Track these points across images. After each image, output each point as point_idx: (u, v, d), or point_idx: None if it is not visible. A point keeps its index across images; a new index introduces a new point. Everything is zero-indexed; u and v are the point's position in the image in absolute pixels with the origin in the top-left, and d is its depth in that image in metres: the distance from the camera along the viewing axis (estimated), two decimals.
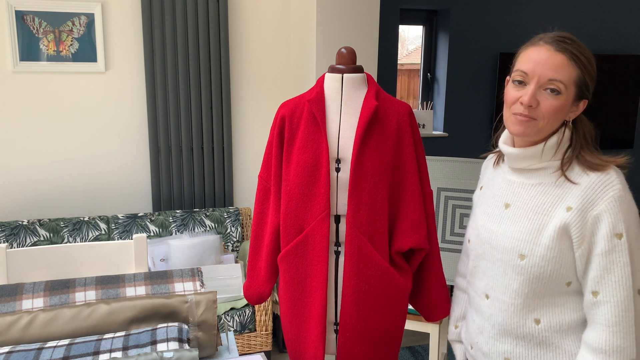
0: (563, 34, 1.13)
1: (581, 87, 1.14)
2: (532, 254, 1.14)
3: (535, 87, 1.12)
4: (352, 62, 1.52)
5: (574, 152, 1.16)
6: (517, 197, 1.21)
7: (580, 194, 1.11)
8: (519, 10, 4.59)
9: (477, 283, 1.30)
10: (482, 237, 1.27)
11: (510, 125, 1.18)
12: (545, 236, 1.13)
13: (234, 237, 3.11)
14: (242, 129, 3.30)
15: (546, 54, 1.11)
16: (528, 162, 1.20)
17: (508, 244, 1.19)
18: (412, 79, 5.04)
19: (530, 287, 1.16)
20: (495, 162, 1.35)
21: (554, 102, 1.12)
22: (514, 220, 1.19)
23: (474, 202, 1.41)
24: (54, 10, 2.85)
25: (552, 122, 1.14)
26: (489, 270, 1.25)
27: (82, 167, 3.06)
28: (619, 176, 1.11)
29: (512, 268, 1.18)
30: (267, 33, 3.23)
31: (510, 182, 1.24)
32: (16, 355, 1.11)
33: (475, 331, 1.31)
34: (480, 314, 1.29)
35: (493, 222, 1.25)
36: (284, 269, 1.54)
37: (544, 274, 1.14)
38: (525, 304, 1.18)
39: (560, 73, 1.11)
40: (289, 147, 1.52)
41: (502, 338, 1.23)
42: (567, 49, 1.11)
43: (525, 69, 1.13)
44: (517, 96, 1.15)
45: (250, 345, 2.78)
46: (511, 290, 1.19)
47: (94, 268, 1.70)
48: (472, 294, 1.33)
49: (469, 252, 1.34)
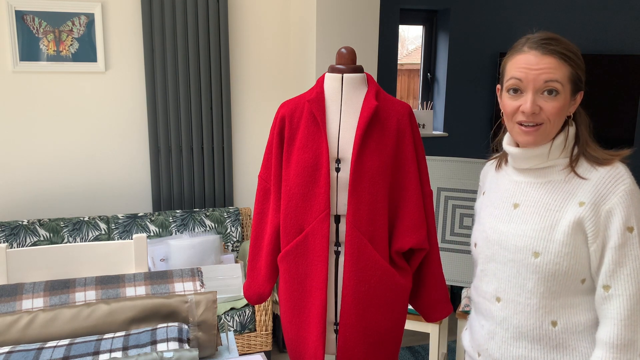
0: (545, 36, 1.13)
1: (575, 82, 1.14)
2: (546, 251, 1.13)
3: (533, 93, 1.12)
4: (352, 62, 1.52)
5: (580, 149, 1.17)
6: (526, 197, 1.20)
7: (591, 188, 1.11)
8: (519, 11, 4.59)
9: (486, 287, 1.27)
10: (491, 239, 1.25)
11: (518, 136, 1.17)
12: (559, 232, 1.13)
13: (234, 237, 3.11)
14: (242, 129, 3.30)
15: (535, 59, 1.11)
16: (535, 161, 1.19)
17: (520, 242, 1.17)
18: (412, 79, 5.04)
19: (545, 285, 1.15)
20: (497, 166, 1.34)
21: (555, 104, 1.12)
22: (525, 219, 1.18)
23: (477, 209, 1.38)
24: (54, 10, 2.85)
25: (557, 122, 1.14)
26: (499, 272, 1.23)
27: (82, 167, 3.06)
28: (627, 170, 1.12)
29: (526, 267, 1.16)
30: (267, 33, 3.23)
31: (517, 182, 1.24)
32: (16, 355, 1.11)
33: (484, 337, 1.28)
34: (490, 319, 1.26)
35: (502, 222, 1.23)
36: (284, 269, 1.54)
37: (559, 271, 1.13)
38: (541, 304, 1.16)
39: (554, 74, 1.11)
40: (289, 147, 1.52)
41: (517, 342, 1.20)
42: (554, 50, 1.11)
43: (518, 76, 1.13)
44: (517, 105, 1.15)
45: (250, 345, 2.78)
46: (526, 291, 1.17)
47: (94, 268, 1.70)
48: (479, 299, 1.30)
49: (476, 256, 1.32)
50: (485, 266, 1.27)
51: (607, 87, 4.84)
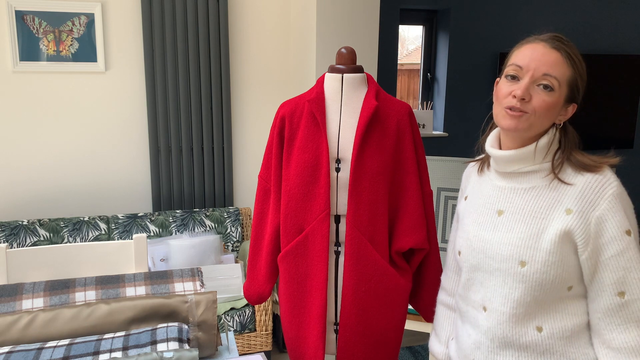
0: (558, 34, 1.13)
1: (573, 89, 1.12)
2: (533, 260, 1.11)
3: (529, 80, 1.10)
4: (352, 62, 1.52)
5: (564, 153, 1.14)
6: (510, 203, 1.17)
7: (577, 194, 1.09)
8: (519, 11, 4.59)
9: (473, 296, 1.23)
10: (475, 247, 1.21)
11: (502, 119, 1.14)
12: (545, 240, 1.10)
13: (234, 237, 3.11)
14: (242, 129, 3.30)
15: (542, 50, 1.10)
16: (519, 164, 1.16)
17: (506, 251, 1.14)
18: (412, 79, 5.04)
19: (532, 295, 1.12)
20: (480, 169, 1.29)
21: (546, 98, 1.10)
22: (510, 227, 1.15)
23: (460, 213, 1.33)
24: (54, 10, 2.85)
25: (543, 118, 1.11)
26: (486, 281, 1.19)
27: (82, 167, 3.06)
28: (613, 174, 1.10)
29: (513, 276, 1.13)
30: (267, 33, 3.23)
31: (500, 187, 1.20)
32: (16, 355, 1.11)
33: (471, 347, 1.24)
34: (476, 328, 1.22)
35: (486, 230, 1.19)
36: (284, 269, 1.54)
37: (546, 280, 1.10)
38: (527, 312, 1.13)
39: (554, 69, 1.09)
40: (289, 147, 1.52)
41: (503, 351, 1.17)
42: (562, 47, 1.10)
43: (520, 63, 1.11)
44: (510, 90, 1.12)
45: (250, 345, 2.78)
46: (512, 300, 1.14)
47: (94, 268, 1.70)
48: (467, 307, 1.26)
49: (461, 264, 1.28)
50: (471, 275, 1.23)
51: (607, 87, 4.84)
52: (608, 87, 4.84)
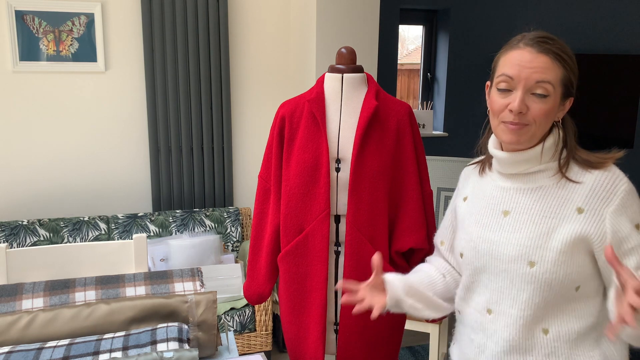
0: (542, 34, 1.09)
1: (567, 86, 1.11)
2: (542, 260, 1.09)
3: (523, 92, 1.07)
4: (352, 62, 1.52)
5: (570, 153, 1.13)
6: (516, 204, 1.15)
7: (588, 192, 1.08)
8: (519, 11, 4.59)
9: (477, 298, 1.21)
10: (480, 249, 1.18)
11: (502, 134, 1.12)
12: (556, 240, 1.08)
13: (234, 237, 3.11)
14: (242, 129, 3.30)
15: (529, 56, 1.07)
16: (525, 166, 1.15)
17: (513, 251, 1.12)
18: (412, 79, 5.04)
19: (541, 296, 1.10)
20: (481, 170, 1.27)
21: (543, 106, 1.08)
22: (517, 227, 1.13)
23: (460, 215, 1.29)
24: (54, 10, 2.85)
25: (544, 125, 1.10)
26: (491, 284, 1.17)
27: (82, 167, 3.06)
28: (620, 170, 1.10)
29: (521, 277, 1.11)
30: (267, 33, 3.23)
31: (505, 188, 1.18)
32: (16, 355, 1.11)
33: (474, 351, 1.22)
34: (480, 332, 1.20)
35: (491, 231, 1.17)
36: (284, 269, 1.54)
37: (555, 280, 1.08)
38: (535, 314, 1.11)
39: (546, 74, 1.07)
40: (289, 147, 1.52)
41: (508, 356, 1.15)
42: (550, 49, 1.07)
43: (510, 73, 1.08)
44: (505, 103, 1.10)
45: (250, 345, 2.78)
46: (520, 302, 1.12)
47: (94, 268, 1.70)
48: (470, 310, 1.24)
49: (463, 267, 1.24)
50: (475, 278, 1.21)
51: (607, 87, 4.84)
52: (608, 87, 4.84)
